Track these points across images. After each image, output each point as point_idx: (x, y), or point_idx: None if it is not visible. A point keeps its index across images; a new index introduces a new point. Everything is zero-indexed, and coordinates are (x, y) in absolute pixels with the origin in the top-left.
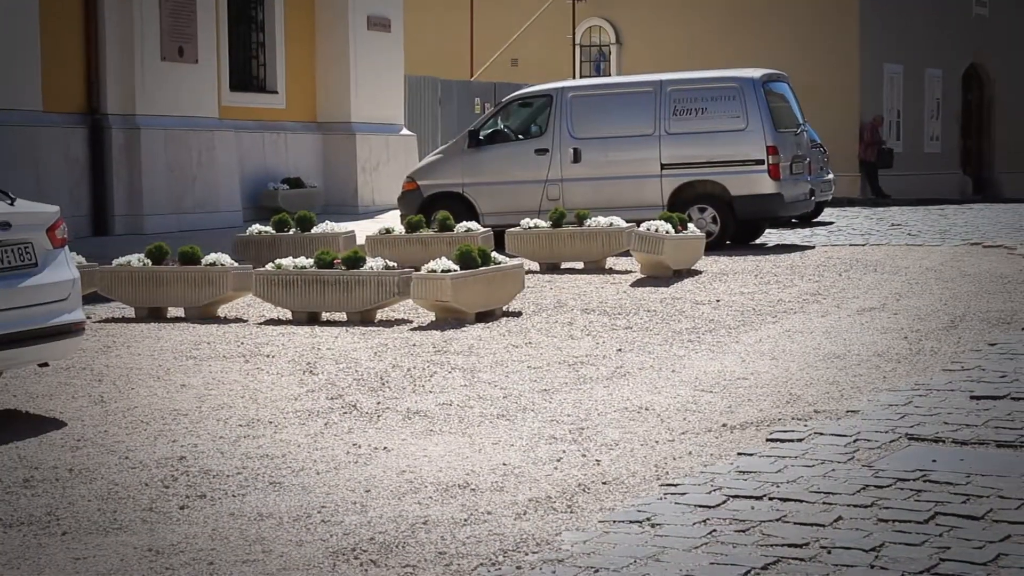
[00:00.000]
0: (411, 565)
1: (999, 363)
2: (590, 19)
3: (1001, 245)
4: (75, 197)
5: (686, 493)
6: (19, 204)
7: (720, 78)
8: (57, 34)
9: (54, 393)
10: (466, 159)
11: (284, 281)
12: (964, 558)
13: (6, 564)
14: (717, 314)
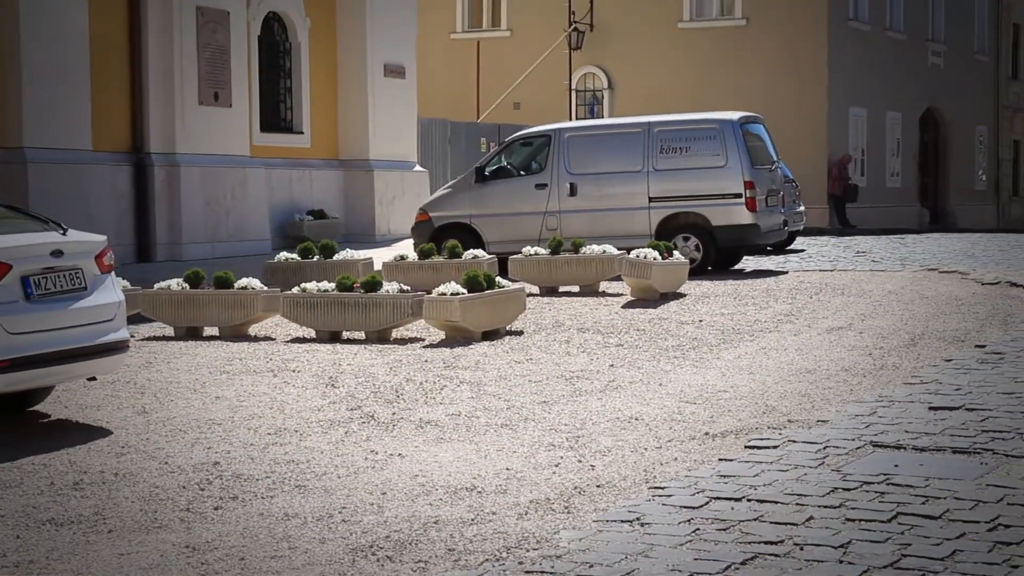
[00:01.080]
0: (423, 561)
1: (954, 377)
2: (585, 67)
3: (955, 271)
4: (121, 228)
5: (672, 495)
6: (71, 234)
7: (702, 120)
8: (105, 82)
9: (101, 404)
10: (473, 193)
11: (308, 303)
12: (923, 554)
13: (58, 559)
14: (700, 333)
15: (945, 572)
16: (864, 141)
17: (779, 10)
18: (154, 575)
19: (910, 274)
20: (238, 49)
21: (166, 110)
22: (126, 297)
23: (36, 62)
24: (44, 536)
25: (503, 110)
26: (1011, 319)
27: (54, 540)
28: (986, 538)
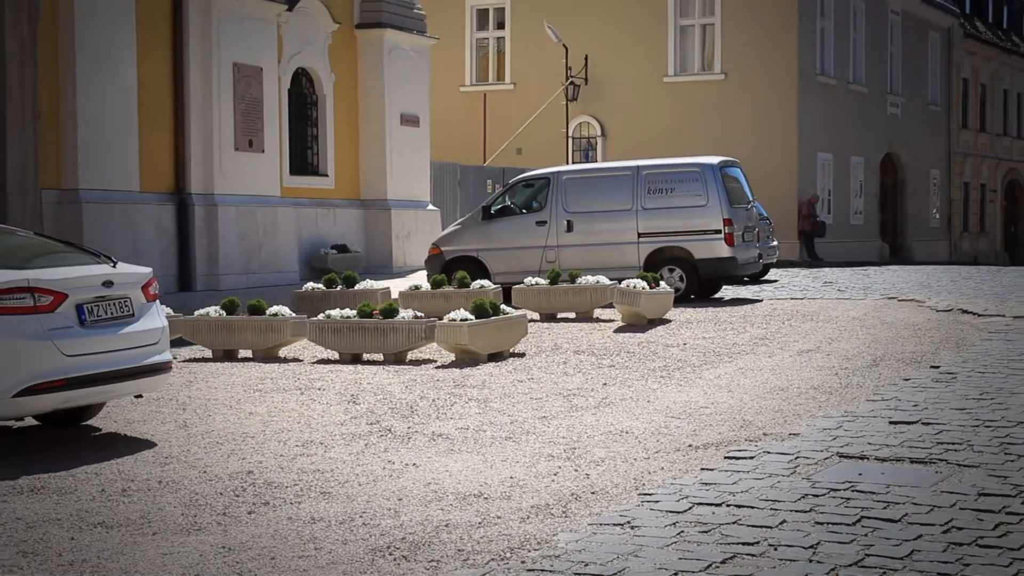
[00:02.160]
0: (435, 560)
1: (912, 395)
2: (580, 116)
3: (913, 299)
4: (164, 260)
5: (659, 501)
6: (120, 267)
7: (685, 164)
8: (151, 130)
9: (146, 419)
10: (480, 229)
11: (333, 328)
12: (885, 554)
13: (108, 558)
14: (684, 355)
15: (904, 570)
16: (830, 183)
17: (754, 66)
18: (194, 573)
19: (872, 302)
20: (270, 101)
21: (206, 155)
22: (169, 323)
23: (90, 113)
24: (95, 537)
25: (507, 155)
26: (963, 343)
27: (104, 541)
28: (941, 539)
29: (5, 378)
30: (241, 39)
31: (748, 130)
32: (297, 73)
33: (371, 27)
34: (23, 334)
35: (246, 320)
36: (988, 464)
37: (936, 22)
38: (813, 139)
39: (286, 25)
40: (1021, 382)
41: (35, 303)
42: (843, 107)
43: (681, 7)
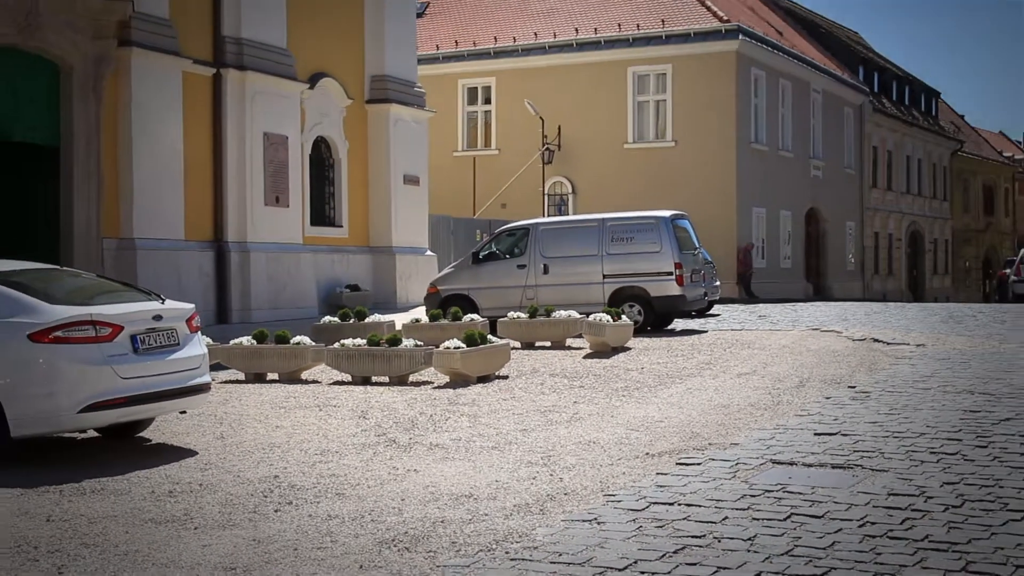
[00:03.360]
0: (433, 551)
1: (833, 410)
2: (555, 176)
3: (833, 330)
4: (205, 298)
5: (621, 501)
6: (167, 303)
7: (643, 217)
8: (195, 188)
9: (189, 432)
10: (470, 271)
11: (346, 355)
12: (810, 544)
13: (157, 549)
14: (642, 377)
15: (827, 558)
16: (764, 232)
17: (699, 135)
18: (229, 562)
19: (799, 333)
20: (294, 164)
21: (240, 209)
22: (208, 350)
23: (143, 174)
24: (146, 532)
25: (493, 209)
26: (875, 367)
27: (154, 535)
28: (857, 532)
29: (71, 397)
30: (270, 112)
31: (695, 188)
32: (317, 140)
33: (379, 102)
34: (86, 360)
35: (273, 348)
36: (896, 469)
37: (850, 99)
38: (749, 196)
39: (308, 101)
40: (924, 400)
41: (96, 334)
42: (773, 169)
43: (638, 86)
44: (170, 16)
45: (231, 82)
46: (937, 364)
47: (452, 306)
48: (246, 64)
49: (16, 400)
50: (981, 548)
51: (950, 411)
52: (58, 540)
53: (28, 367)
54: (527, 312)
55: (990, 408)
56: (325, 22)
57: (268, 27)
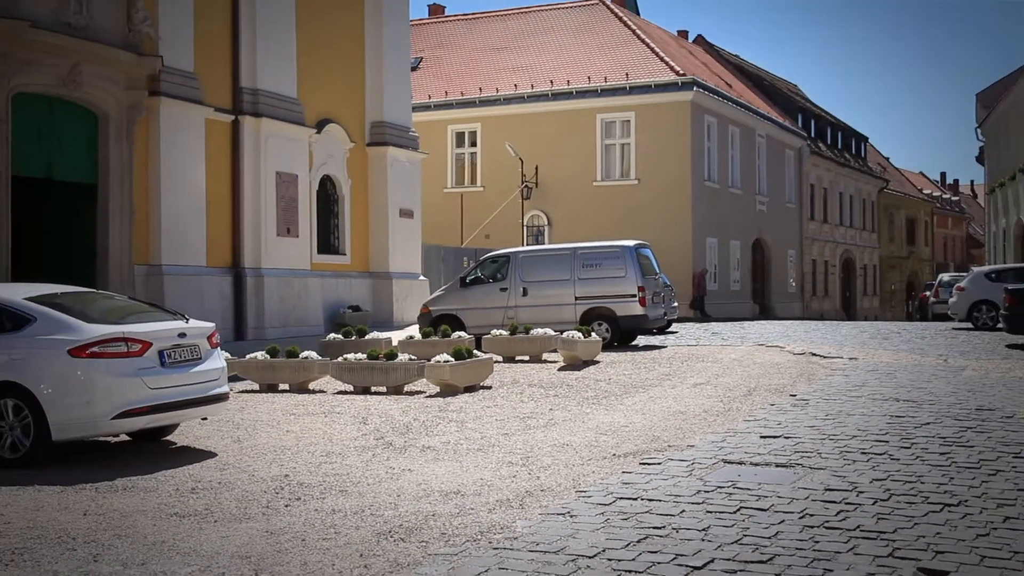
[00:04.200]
0: (425, 541)
1: (777, 416)
2: (533, 210)
3: (776, 345)
4: (224, 317)
5: (591, 496)
6: (191, 322)
7: (610, 246)
8: (215, 220)
9: (209, 436)
10: (458, 294)
11: (349, 368)
12: (757, 534)
13: (181, 540)
14: (609, 387)
15: (771, 546)
16: (716, 259)
17: (660, 174)
18: (244, 551)
19: (747, 348)
20: (303, 199)
21: (255, 239)
22: (227, 364)
23: (170, 208)
24: (172, 524)
25: (478, 239)
26: (813, 377)
27: (178, 527)
28: (798, 523)
29: (105, 404)
30: (282, 154)
31: (655, 221)
32: (323, 179)
33: (378, 145)
34: (119, 372)
35: (284, 362)
36: (832, 467)
37: (791, 143)
38: (702, 227)
39: (315, 144)
40: (855, 406)
41: (128, 349)
42: (724, 204)
43: (606, 131)
44: (194, 70)
45: (248, 128)
46: (867, 375)
47: (442, 324)
48: (261, 112)
49: (57, 408)
50: (905, 536)
51: (878, 416)
52: (94, 532)
53: (68, 379)
54: (508, 330)
55: (913, 413)
56: (331, 74)
57: (281, 79)
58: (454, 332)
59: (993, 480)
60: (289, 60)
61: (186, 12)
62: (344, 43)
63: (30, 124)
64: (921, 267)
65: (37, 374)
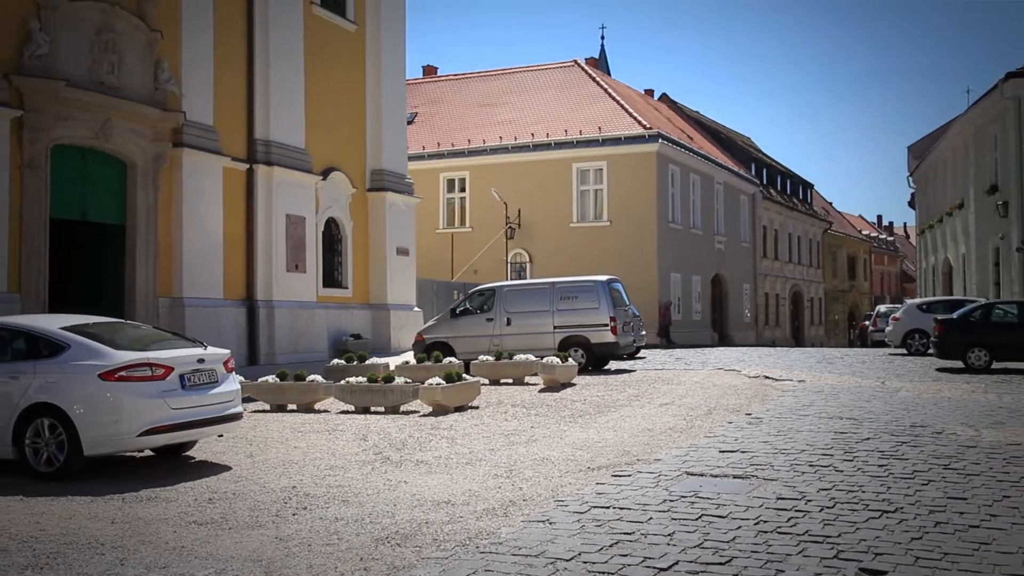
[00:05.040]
0: (419, 546)
1: (734, 432)
2: (516, 249)
3: (733, 369)
4: (239, 345)
5: (568, 505)
6: (209, 349)
7: (584, 280)
8: (231, 258)
9: (225, 451)
10: (449, 323)
11: (351, 390)
12: (717, 539)
13: (199, 545)
14: (584, 407)
15: (730, 549)
16: (679, 292)
17: (629, 217)
18: (256, 555)
19: (707, 371)
20: (310, 239)
21: (267, 274)
22: (241, 386)
23: (191, 246)
24: (190, 531)
25: (467, 274)
26: (766, 398)
27: (196, 533)
28: (753, 528)
29: (132, 423)
30: (291, 198)
31: (625, 258)
32: (328, 220)
33: (377, 191)
34: (144, 394)
35: (292, 384)
36: (783, 478)
37: (745, 189)
38: (667, 264)
39: (321, 189)
40: (804, 424)
41: (152, 373)
42: (686, 243)
43: (581, 178)
44: (213, 123)
45: (261, 175)
46: (814, 396)
47: (434, 351)
48: (273, 161)
49: (88, 426)
50: (849, 540)
51: (824, 433)
52: (120, 538)
53: (98, 400)
54: (494, 355)
55: (854, 430)
56: (335, 127)
57: (290, 132)
58: (445, 358)
59: (925, 489)
60: (298, 114)
61: (206, 72)
62: (347, 99)
63: (66, 172)
64: (861, 299)
65: (71, 396)
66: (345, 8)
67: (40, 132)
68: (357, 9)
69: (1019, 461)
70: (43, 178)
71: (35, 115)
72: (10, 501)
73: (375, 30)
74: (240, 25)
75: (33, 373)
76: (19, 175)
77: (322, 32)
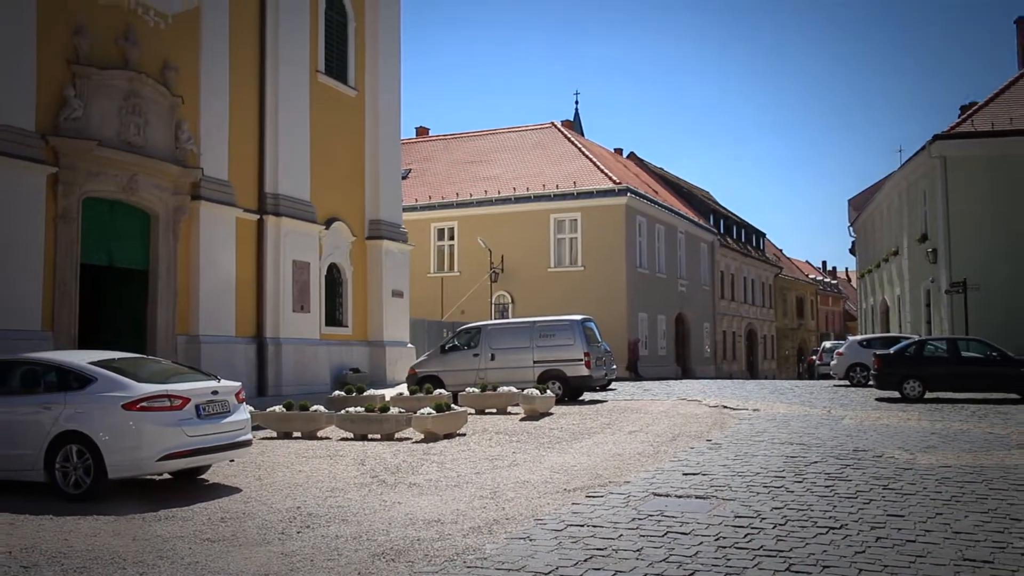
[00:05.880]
0: (411, 561)
1: (696, 457)
2: (500, 291)
3: (695, 399)
4: (249, 378)
5: (546, 523)
6: (222, 382)
7: (561, 319)
8: (243, 299)
9: (236, 475)
10: (439, 358)
11: (350, 419)
12: (681, 553)
13: (212, 560)
14: (561, 434)
15: (692, 563)
16: (646, 330)
17: (601, 262)
18: (264, 570)
19: (672, 402)
20: (314, 282)
21: (275, 314)
22: (250, 416)
23: (207, 289)
24: (204, 548)
25: (455, 314)
26: (725, 425)
27: (210, 550)
28: (713, 544)
29: (152, 449)
30: (297, 246)
31: (597, 299)
32: (330, 265)
33: (374, 239)
34: (163, 423)
35: (297, 414)
36: (740, 498)
37: (704, 238)
38: (635, 305)
39: (324, 237)
40: (759, 449)
41: (171, 404)
42: (652, 286)
43: (557, 227)
44: (228, 178)
45: (270, 225)
46: (767, 423)
47: (426, 383)
48: (281, 212)
49: (113, 451)
50: (799, 554)
51: (776, 457)
52: (141, 553)
53: (122, 428)
54: (479, 388)
55: (804, 454)
56: (337, 182)
57: (297, 186)
58: (436, 390)
59: (867, 507)
60: (304, 170)
61: (222, 131)
62: (348, 156)
63: (96, 222)
64: (808, 336)
65: (97, 424)
66: (347, 76)
67: (73, 186)
68: (357, 77)
69: (950, 482)
70: (75, 228)
71: (69, 171)
72: (41, 520)
73: (373, 95)
74: (253, 90)
75: (63, 404)
76: (53, 225)
77: (326, 97)
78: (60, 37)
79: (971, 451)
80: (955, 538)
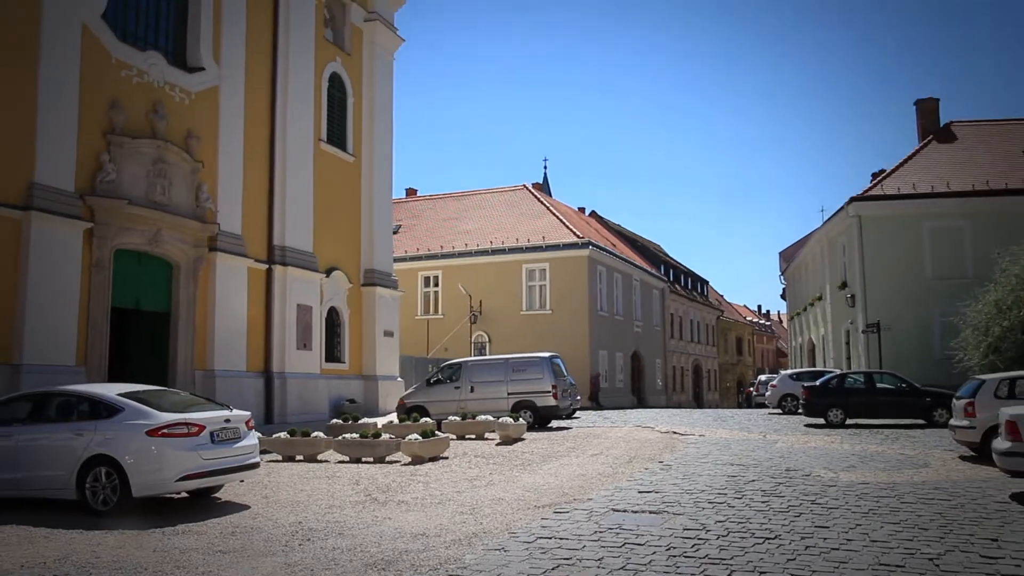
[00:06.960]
0: (400, 570)
1: (650, 477)
2: (478, 331)
3: (648, 426)
4: (257, 408)
5: (519, 536)
6: (234, 411)
7: (532, 356)
8: (253, 337)
9: (244, 493)
10: (425, 391)
11: (347, 444)
12: (637, 562)
13: (223, 569)
14: (532, 457)
15: (647, 570)
16: (606, 366)
17: (566, 307)
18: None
19: (628, 428)
20: (316, 323)
21: (281, 352)
22: (258, 441)
23: (221, 329)
24: (216, 559)
25: (439, 352)
26: (675, 449)
27: (221, 560)
28: (665, 553)
29: (172, 471)
30: (301, 292)
31: (563, 338)
32: (330, 309)
33: (369, 286)
34: (182, 447)
35: (299, 439)
36: (688, 513)
37: (656, 285)
38: (597, 343)
39: (325, 284)
40: (704, 469)
41: (189, 431)
42: (611, 327)
43: (528, 276)
44: (241, 232)
45: (277, 273)
46: (711, 447)
47: (414, 413)
48: (287, 262)
49: (137, 473)
50: (739, 561)
51: (720, 476)
52: (160, 564)
53: (145, 452)
54: (460, 416)
55: (743, 474)
56: (337, 236)
57: (301, 239)
58: (422, 418)
59: (798, 520)
60: (308, 225)
61: (236, 191)
62: (346, 213)
63: (125, 270)
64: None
65: (123, 448)
66: (346, 144)
67: (106, 239)
68: (355, 145)
69: (868, 497)
70: (107, 275)
71: (103, 226)
72: (72, 534)
73: (369, 161)
74: (264, 155)
75: (94, 431)
76: (88, 273)
77: (327, 162)
78: (98, 111)
79: (885, 470)
80: (872, 546)
